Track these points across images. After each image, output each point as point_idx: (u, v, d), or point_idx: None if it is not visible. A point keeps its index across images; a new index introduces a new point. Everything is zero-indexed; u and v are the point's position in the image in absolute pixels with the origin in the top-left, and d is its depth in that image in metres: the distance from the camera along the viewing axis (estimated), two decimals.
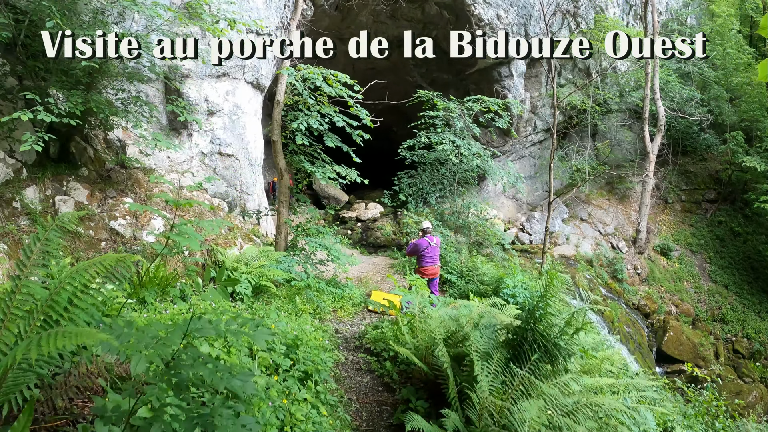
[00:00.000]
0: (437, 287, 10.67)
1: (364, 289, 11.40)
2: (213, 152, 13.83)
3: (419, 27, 21.00)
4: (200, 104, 13.73)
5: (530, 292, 11.58)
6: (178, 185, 10.99)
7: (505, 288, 11.50)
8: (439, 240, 10.62)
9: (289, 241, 10.60)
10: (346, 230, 20.19)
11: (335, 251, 9.98)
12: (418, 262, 10.39)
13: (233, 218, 11.07)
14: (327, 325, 8.19)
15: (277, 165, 10.55)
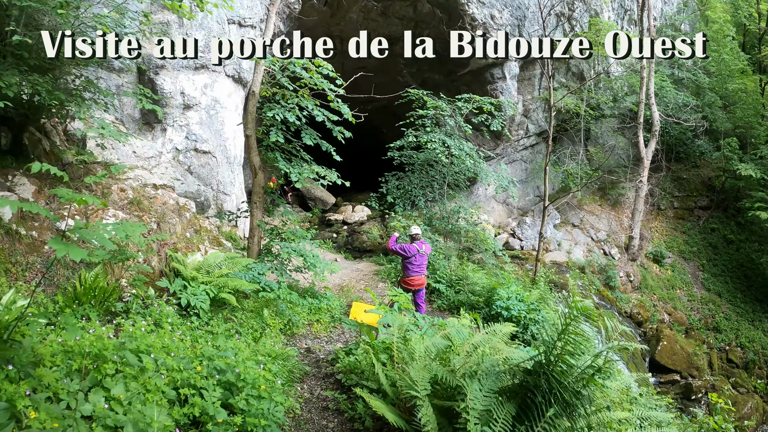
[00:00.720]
0: (424, 298, 9.37)
1: (344, 299, 10.07)
2: (188, 148, 12.49)
3: (411, 25, 19.72)
4: (175, 97, 12.40)
5: (525, 305, 10.30)
6: (142, 182, 9.63)
7: (498, 300, 10.21)
8: (429, 248, 9.33)
9: (263, 245, 9.27)
10: (331, 233, 18.83)
11: (312, 258, 8.65)
12: (403, 271, 9.08)
13: (202, 220, 9.71)
14: (293, 349, 6.83)
15: (250, 162, 9.21)
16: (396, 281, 9.32)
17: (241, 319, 7.12)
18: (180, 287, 7.05)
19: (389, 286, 11.66)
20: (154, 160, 10.50)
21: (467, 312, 10.54)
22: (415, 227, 9.23)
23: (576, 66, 22.43)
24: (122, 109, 12.02)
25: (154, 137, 12.31)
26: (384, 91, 21.91)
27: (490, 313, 10.27)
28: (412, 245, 9.02)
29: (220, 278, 7.30)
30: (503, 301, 10.16)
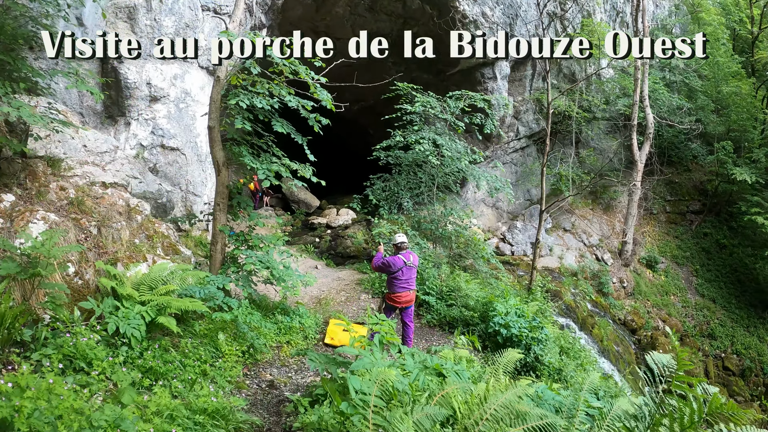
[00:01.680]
0: (412, 316, 7.78)
1: (322, 314, 8.46)
2: (154, 144, 10.86)
3: (399, 22, 18.18)
4: (140, 88, 10.76)
5: (526, 321, 8.76)
6: (90, 180, 7.98)
7: (496, 316, 8.64)
8: (417, 258, 7.76)
9: (228, 254, 7.66)
10: (314, 238, 17.16)
11: (280, 271, 7.05)
12: (388, 286, 7.50)
13: (158, 224, 8.07)
14: (240, 398, 5.19)
15: (213, 157, 7.60)
16: (380, 296, 7.74)
17: (187, 348, 5.50)
18: (110, 309, 5.42)
19: (371, 299, 10.08)
20: (108, 155, 8.85)
21: (461, 331, 9.00)
22: (400, 235, 7.66)
23: (568, 68, 21.02)
24: (81, 100, 10.38)
25: (117, 132, 10.68)
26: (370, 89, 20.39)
27: (487, 331, 8.71)
28: (398, 257, 7.45)
29: (163, 297, 5.67)
30: (501, 318, 8.61)
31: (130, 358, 5.08)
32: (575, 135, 21.02)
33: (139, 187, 8.99)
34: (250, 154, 7.27)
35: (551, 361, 8.47)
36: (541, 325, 8.83)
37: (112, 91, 10.67)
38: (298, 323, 7.40)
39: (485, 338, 8.75)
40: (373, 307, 9.59)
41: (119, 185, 8.16)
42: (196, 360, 5.42)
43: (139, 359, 5.08)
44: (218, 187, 7.63)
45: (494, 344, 8.57)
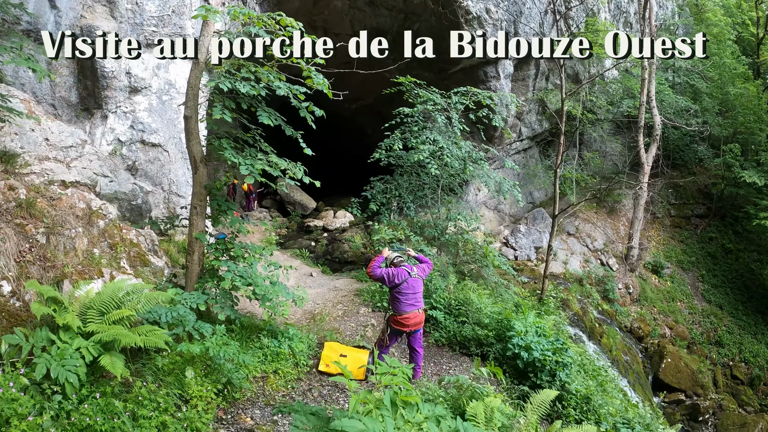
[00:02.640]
0: (421, 340, 6.43)
1: (315, 334, 7.08)
2: (133, 140, 9.48)
3: (400, 17, 16.85)
4: (119, 77, 9.38)
5: (549, 342, 7.42)
6: (48, 179, 6.60)
7: (514, 336, 7.30)
8: (426, 268, 6.41)
9: (206, 265, 6.30)
10: (309, 241, 15.74)
11: (266, 287, 5.70)
12: (392, 305, 6.14)
13: (126, 230, 6.69)
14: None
15: (190, 152, 6.23)
16: (383, 317, 6.39)
17: (142, 395, 4.13)
18: (43, 343, 4.05)
19: (371, 313, 8.71)
20: (74, 150, 7.47)
21: (475, 352, 7.65)
22: (389, 250, 6.34)
23: (571, 68, 19.74)
24: (54, 90, 8.99)
25: (93, 126, 9.30)
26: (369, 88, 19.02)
27: (505, 354, 7.35)
28: (401, 269, 6.14)
29: (113, 327, 4.30)
30: (521, 338, 7.26)
31: (64, 411, 3.72)
32: (579, 137, 19.78)
33: (109, 186, 7.61)
34: (232, 148, 5.91)
35: (579, 389, 7.15)
36: (566, 346, 7.50)
37: (88, 81, 9.31)
38: (288, 348, 6.03)
39: (502, 361, 7.41)
40: (374, 323, 8.22)
41: (83, 184, 6.78)
42: (154, 409, 4.05)
43: (76, 413, 3.72)
44: (195, 187, 6.25)
45: (513, 369, 7.23)
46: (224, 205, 6.18)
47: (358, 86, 20.23)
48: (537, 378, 7.10)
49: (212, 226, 6.38)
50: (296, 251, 13.94)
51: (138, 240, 6.66)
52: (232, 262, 5.96)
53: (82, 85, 9.35)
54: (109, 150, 9.12)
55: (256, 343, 5.95)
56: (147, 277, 6.24)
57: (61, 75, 9.12)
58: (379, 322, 8.33)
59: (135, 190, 8.22)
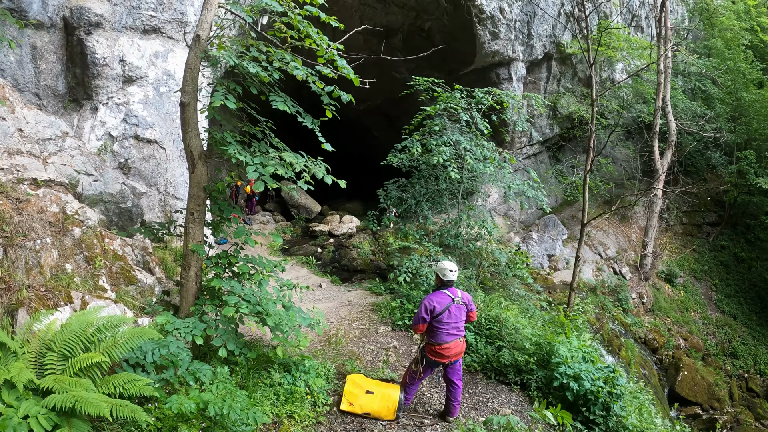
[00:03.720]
0: (461, 372, 5.17)
1: (332, 362, 5.81)
2: (126, 135, 8.20)
3: (411, 15, 15.62)
4: (111, 65, 8.08)
5: (599, 370, 6.19)
6: (17, 176, 5.31)
7: (561, 364, 6.06)
8: (469, 297, 5.14)
9: (205, 283, 5.03)
10: (315, 247, 14.42)
11: (279, 314, 4.43)
12: (429, 334, 4.88)
13: (110, 239, 5.40)
14: None
15: (186, 146, 4.97)
16: (418, 348, 5.13)
17: None
18: None
19: (390, 332, 7.42)
20: (53, 143, 6.18)
21: (515, 379, 6.39)
22: (447, 265, 5.05)
23: (583, 71, 18.56)
24: (38, 77, 7.72)
25: (81, 118, 8.03)
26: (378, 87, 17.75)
27: (550, 383, 6.11)
28: (442, 292, 4.92)
29: (76, 383, 3.03)
30: (568, 366, 6.03)
31: None
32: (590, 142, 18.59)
33: (93, 186, 6.31)
34: (237, 143, 4.64)
35: (635, 424, 5.93)
36: (617, 373, 6.27)
37: (77, 69, 8.02)
38: (304, 384, 4.76)
39: (546, 391, 6.16)
40: (396, 344, 6.94)
41: (59, 184, 5.48)
42: None
43: None
44: (192, 190, 4.97)
45: (561, 401, 5.97)
46: (227, 211, 4.89)
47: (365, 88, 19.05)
48: (590, 413, 5.85)
49: (212, 236, 5.11)
50: (302, 258, 12.66)
51: (123, 251, 5.37)
52: (236, 280, 4.68)
53: (71, 73, 8.07)
54: (98, 146, 7.84)
55: (266, 380, 4.66)
56: (132, 298, 4.96)
57: (47, 61, 7.83)
58: (401, 342, 7.06)
59: (124, 191, 6.92)
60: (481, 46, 15.62)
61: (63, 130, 6.38)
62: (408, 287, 8.55)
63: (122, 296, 4.83)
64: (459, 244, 9.40)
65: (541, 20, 16.40)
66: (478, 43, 15.59)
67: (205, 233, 5.07)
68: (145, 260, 6.17)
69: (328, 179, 4.46)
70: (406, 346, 6.95)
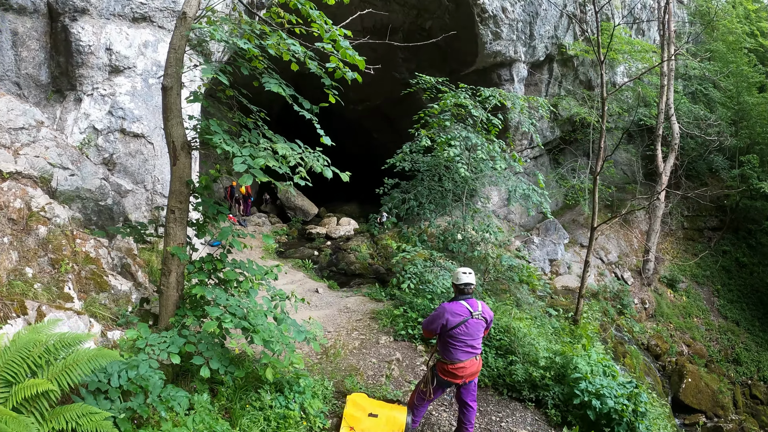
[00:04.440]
0: (476, 393, 4.53)
1: (330, 378, 5.15)
2: (112, 129, 7.54)
3: (413, 14, 15.03)
4: (97, 54, 7.43)
5: (622, 385, 5.56)
6: None
7: (581, 380, 5.43)
8: (491, 313, 4.50)
9: (186, 291, 4.37)
10: (312, 250, 13.74)
11: (269, 330, 3.76)
12: (441, 350, 4.22)
13: (82, 239, 4.73)
14: None
15: (168, 135, 4.33)
16: (428, 365, 4.47)
17: None
18: None
19: (392, 343, 6.76)
20: (26, 133, 5.51)
21: (529, 396, 5.74)
22: (464, 272, 4.46)
23: (584, 74, 18.05)
24: (18, 65, 7.05)
25: (65, 110, 7.37)
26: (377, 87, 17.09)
27: (569, 400, 5.48)
28: (459, 304, 4.26)
29: (12, 420, 2.38)
30: (588, 382, 5.39)
31: None
32: (591, 145, 18.05)
33: (69, 181, 5.64)
34: (225, 132, 3.99)
35: None
36: (640, 389, 5.65)
37: (61, 57, 7.37)
38: (299, 408, 4.10)
39: (565, 409, 5.52)
40: (398, 357, 6.27)
41: (28, 177, 4.82)
42: None
43: None
44: (173, 184, 4.32)
45: (580, 419, 5.34)
46: (212, 209, 4.23)
47: (365, 86, 18.29)
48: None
49: (196, 237, 4.45)
50: (298, 261, 11.98)
51: (97, 254, 4.70)
52: (222, 289, 4.02)
53: (55, 62, 7.41)
54: (81, 139, 7.17)
55: (256, 402, 3.99)
56: (103, 307, 4.29)
57: (29, 49, 7.18)
58: (405, 354, 6.40)
59: (104, 187, 6.24)
60: (483, 46, 15.04)
61: (38, 120, 5.72)
62: (411, 294, 7.90)
63: (90, 305, 4.17)
64: (463, 248, 8.77)
65: (543, 21, 15.85)
66: (480, 43, 15.02)
67: (188, 234, 4.41)
68: (125, 264, 5.50)
69: (328, 172, 3.82)
70: (409, 359, 6.29)
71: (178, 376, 4.03)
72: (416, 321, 7.05)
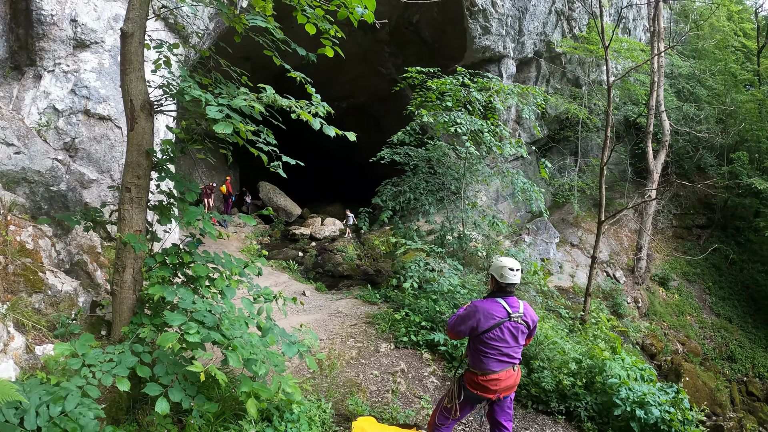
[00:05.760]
0: (512, 413, 3.60)
1: (328, 396, 4.16)
2: (75, 109, 6.48)
3: (399, 7, 14.17)
4: (61, 25, 6.35)
5: (663, 392, 4.72)
6: None
7: (619, 386, 4.57)
8: (536, 317, 3.56)
9: (143, 292, 3.36)
10: (296, 251, 12.69)
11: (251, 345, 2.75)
12: (471, 358, 3.31)
13: (19, 228, 3.67)
14: None
15: (125, 92, 3.37)
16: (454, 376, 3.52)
17: None
18: None
19: (394, 350, 5.79)
20: None
21: (558, 408, 4.84)
22: (512, 268, 3.38)
23: (572, 72, 17.48)
24: None
25: (23, 88, 6.31)
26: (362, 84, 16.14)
27: (605, 411, 4.61)
28: (496, 302, 3.29)
29: None
30: (627, 389, 4.53)
31: None
32: (579, 143, 17.49)
33: (13, 160, 4.57)
34: (196, 82, 3.02)
35: None
36: (682, 394, 4.82)
37: (20, 29, 6.29)
38: None
39: (602, 423, 4.64)
40: (404, 367, 5.30)
41: None
42: None
43: None
44: (130, 155, 3.32)
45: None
46: (179, 185, 3.22)
47: (350, 83, 17.44)
48: None
49: (159, 224, 3.44)
50: (282, 263, 10.93)
51: (36, 245, 3.65)
52: (190, 289, 3.02)
53: (14, 35, 6.31)
54: (40, 121, 6.08)
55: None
56: (36, 312, 3.24)
57: None
58: (410, 363, 5.44)
59: (56, 169, 5.15)
60: (472, 40, 14.30)
61: None
62: (411, 295, 6.97)
63: (14, 309, 3.12)
64: (464, 245, 7.88)
65: (532, 17, 15.21)
66: (469, 38, 14.28)
67: (147, 219, 3.40)
68: (80, 261, 4.44)
69: (330, 130, 2.88)
70: (415, 369, 5.34)
71: (135, 405, 3.00)
72: (420, 325, 6.11)
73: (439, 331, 5.90)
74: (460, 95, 8.04)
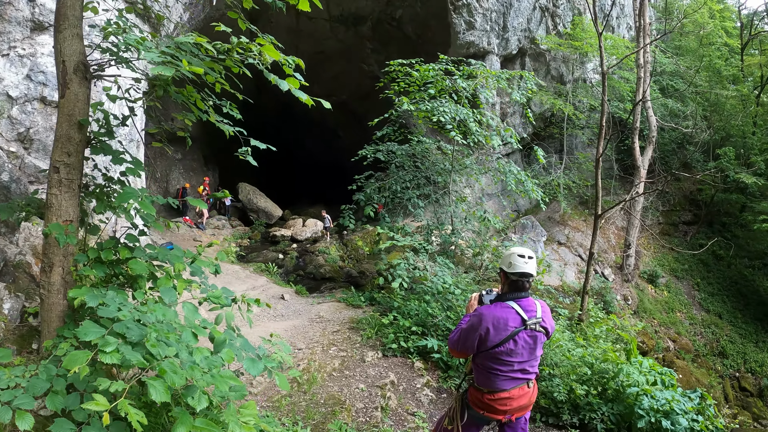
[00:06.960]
0: None
1: (306, 418, 3.52)
2: (30, 97, 5.80)
3: (382, 2, 13.64)
4: (17, 5, 5.70)
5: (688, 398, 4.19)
6: None
7: (641, 394, 4.03)
8: (550, 315, 2.93)
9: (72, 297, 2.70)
10: (276, 253, 11.99)
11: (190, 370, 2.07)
12: (477, 374, 2.69)
13: None
14: None
15: (57, 52, 2.79)
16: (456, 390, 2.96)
17: None
18: None
19: (381, 359, 5.16)
20: None
21: (570, 420, 4.28)
22: (522, 254, 2.73)
23: (556, 69, 17.16)
24: None
25: None
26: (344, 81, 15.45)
27: (625, 423, 4.06)
28: (507, 307, 2.63)
29: None
30: (649, 397, 3.99)
31: None
32: (560, 142, 17.17)
33: None
34: None
35: None
36: (709, 400, 4.31)
37: None
38: None
39: None
40: (393, 379, 4.67)
41: None
42: None
43: None
44: (60, 128, 2.67)
45: None
46: (117, 160, 2.58)
47: (332, 80, 16.79)
48: None
49: (95, 212, 2.78)
50: (261, 265, 10.24)
51: None
52: (124, 292, 2.37)
53: None
54: None
55: None
56: None
57: None
58: (400, 374, 4.82)
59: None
60: (456, 35, 13.84)
61: None
62: (400, 296, 6.36)
63: None
64: (455, 241, 7.32)
65: (517, 12, 14.83)
66: (453, 33, 13.81)
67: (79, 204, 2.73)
68: (21, 261, 3.74)
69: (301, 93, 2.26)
70: (407, 380, 4.72)
71: None
72: (410, 330, 5.50)
73: (432, 336, 5.30)
74: (444, 84, 7.49)
